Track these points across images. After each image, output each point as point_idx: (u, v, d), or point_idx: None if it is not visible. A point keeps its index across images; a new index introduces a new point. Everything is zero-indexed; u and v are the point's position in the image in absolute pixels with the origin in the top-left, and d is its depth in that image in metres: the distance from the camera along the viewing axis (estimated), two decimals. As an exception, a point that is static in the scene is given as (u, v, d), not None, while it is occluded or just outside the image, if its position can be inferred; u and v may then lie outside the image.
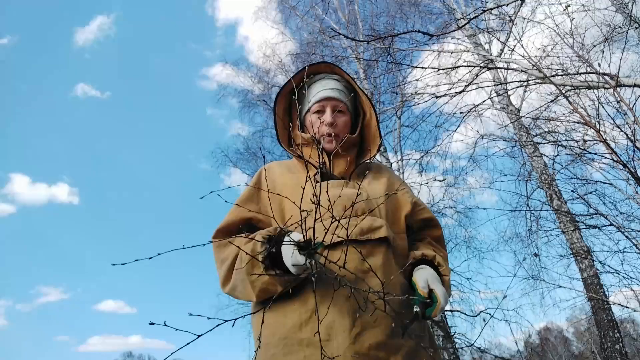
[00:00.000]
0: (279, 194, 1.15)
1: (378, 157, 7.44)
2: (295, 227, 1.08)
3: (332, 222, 0.90)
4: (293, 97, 1.36)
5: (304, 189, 0.96)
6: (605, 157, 3.68)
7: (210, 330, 0.79)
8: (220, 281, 1.14)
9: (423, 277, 1.09)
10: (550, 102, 4.49)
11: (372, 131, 1.34)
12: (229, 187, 0.99)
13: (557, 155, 4.97)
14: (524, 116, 5.67)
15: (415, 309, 1.04)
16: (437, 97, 4.38)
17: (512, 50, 4.58)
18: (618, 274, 4.25)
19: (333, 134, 1.27)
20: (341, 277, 0.92)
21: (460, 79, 4.37)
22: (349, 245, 0.99)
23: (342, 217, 0.93)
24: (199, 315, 0.81)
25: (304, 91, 1.36)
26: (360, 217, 1.10)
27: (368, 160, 1.35)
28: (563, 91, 3.80)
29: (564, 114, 4.42)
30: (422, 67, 4.31)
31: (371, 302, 0.94)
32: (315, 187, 1.18)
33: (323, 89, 1.31)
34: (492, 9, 4.06)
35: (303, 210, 0.89)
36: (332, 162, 1.26)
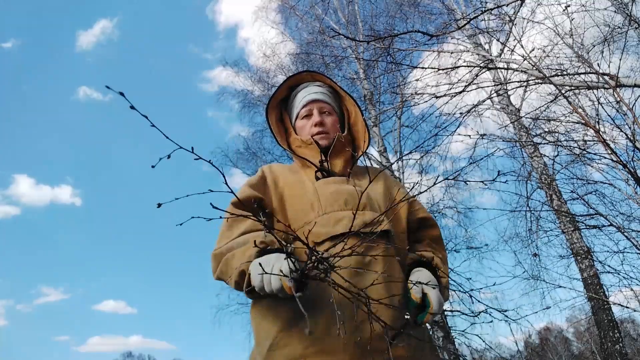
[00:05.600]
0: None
1: (378, 157, 7.43)
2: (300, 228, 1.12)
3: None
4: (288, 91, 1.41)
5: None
6: (605, 158, 3.67)
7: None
8: (214, 251, 1.13)
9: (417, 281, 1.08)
10: (550, 102, 4.49)
11: (359, 128, 1.38)
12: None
13: (557, 155, 4.97)
14: (524, 116, 5.67)
15: (405, 316, 1.00)
16: (437, 97, 4.37)
17: (512, 50, 4.57)
18: (618, 274, 4.24)
19: (324, 132, 1.31)
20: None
21: (460, 79, 4.37)
22: (351, 237, 0.96)
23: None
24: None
25: (290, 103, 1.42)
26: (362, 212, 1.12)
27: (364, 164, 1.37)
28: (563, 91, 3.80)
29: (563, 114, 4.43)
30: (422, 67, 4.32)
31: (364, 309, 0.88)
32: (316, 184, 1.20)
33: (307, 94, 1.36)
34: (492, 9, 4.06)
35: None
36: (330, 161, 1.29)
